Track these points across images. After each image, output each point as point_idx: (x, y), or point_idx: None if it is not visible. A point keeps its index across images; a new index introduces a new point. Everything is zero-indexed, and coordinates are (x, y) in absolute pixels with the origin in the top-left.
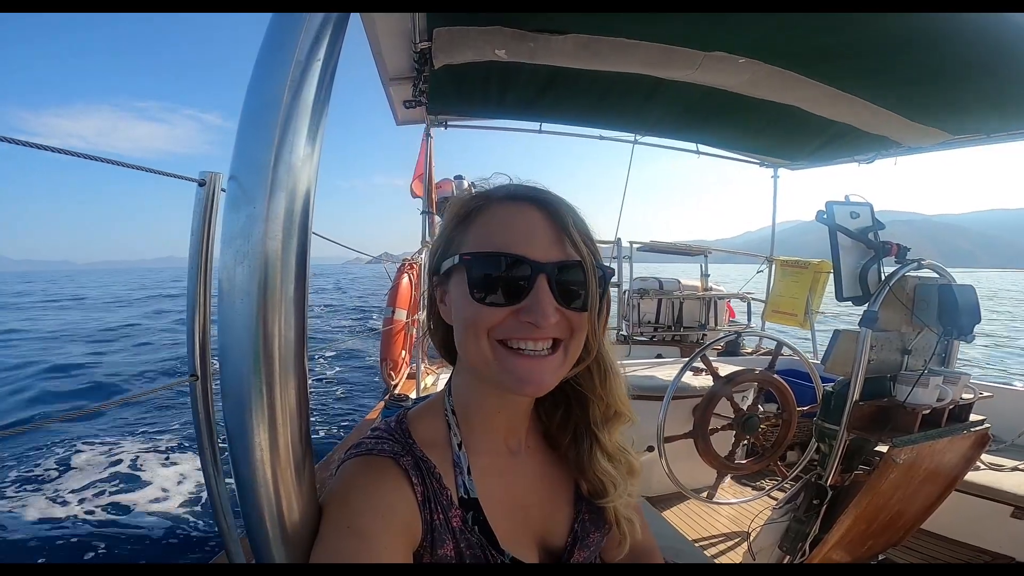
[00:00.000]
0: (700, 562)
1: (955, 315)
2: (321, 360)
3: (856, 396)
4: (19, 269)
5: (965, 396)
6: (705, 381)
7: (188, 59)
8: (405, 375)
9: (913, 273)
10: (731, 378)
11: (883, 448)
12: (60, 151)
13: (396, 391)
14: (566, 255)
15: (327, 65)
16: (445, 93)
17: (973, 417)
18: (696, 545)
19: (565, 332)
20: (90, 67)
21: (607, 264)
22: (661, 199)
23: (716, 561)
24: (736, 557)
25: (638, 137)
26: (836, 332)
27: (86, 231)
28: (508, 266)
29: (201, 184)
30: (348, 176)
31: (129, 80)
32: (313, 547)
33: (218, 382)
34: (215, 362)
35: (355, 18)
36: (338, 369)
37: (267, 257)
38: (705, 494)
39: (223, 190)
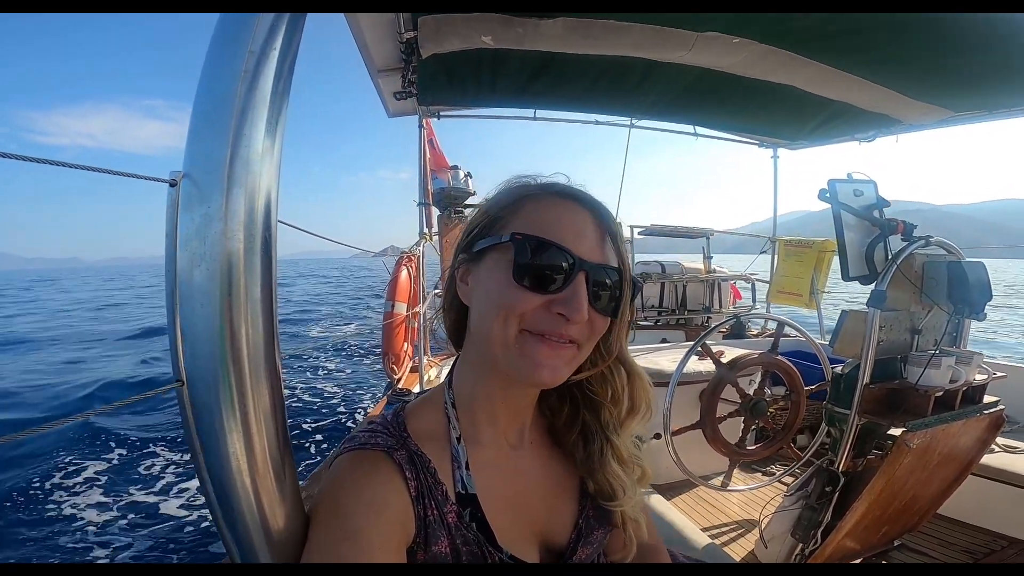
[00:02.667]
0: (711, 551)
1: (966, 292)
2: (323, 355)
3: (866, 379)
4: (31, 267)
5: (978, 377)
6: (711, 365)
7: (197, 57)
8: (408, 369)
9: (921, 251)
10: (734, 364)
11: (896, 432)
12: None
13: (399, 385)
14: (607, 259)
15: (285, 55)
16: (435, 83)
17: (987, 398)
18: (707, 534)
19: (585, 334)
20: (99, 67)
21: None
22: (662, 193)
23: (727, 550)
24: (748, 545)
25: (634, 121)
26: (844, 312)
27: (93, 229)
28: (556, 256)
29: (172, 184)
30: (354, 171)
31: (137, 79)
32: (304, 551)
33: None
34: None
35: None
36: (341, 364)
37: (228, 257)
38: (719, 482)
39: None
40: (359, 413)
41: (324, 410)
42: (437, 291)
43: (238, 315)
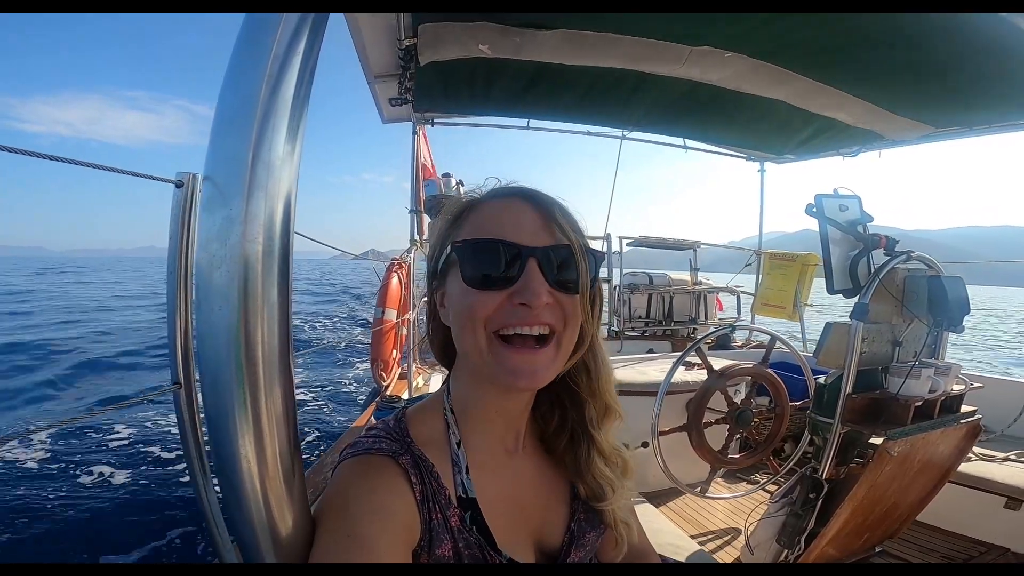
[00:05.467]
0: (699, 557)
1: (945, 306)
2: (308, 360)
3: (849, 389)
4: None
5: (956, 387)
6: (698, 376)
7: (179, 50)
8: (396, 376)
9: (902, 265)
10: (725, 372)
11: (877, 440)
12: (22, 152)
13: (388, 392)
14: (555, 240)
15: (307, 60)
16: (431, 90)
17: (964, 408)
18: (694, 541)
19: (559, 320)
20: (80, 56)
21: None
22: (645, 211)
23: (714, 556)
24: (734, 552)
25: (626, 133)
26: (828, 325)
27: (66, 219)
28: (499, 251)
29: (179, 185)
30: (338, 172)
31: (119, 69)
32: (311, 554)
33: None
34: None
35: (338, 14)
36: (327, 368)
37: (247, 261)
38: (698, 489)
39: (201, 191)
40: (345, 418)
41: (307, 416)
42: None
43: (255, 318)
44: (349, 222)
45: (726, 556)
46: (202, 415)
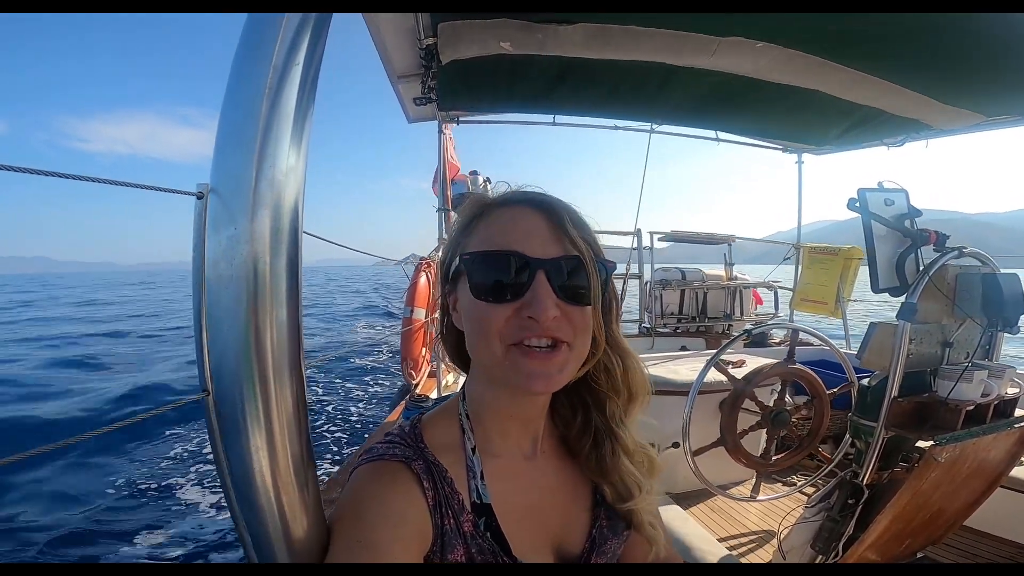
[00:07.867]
0: (727, 562)
1: (1000, 306)
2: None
3: (895, 392)
4: (32, 268)
5: (1010, 390)
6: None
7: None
8: (426, 374)
9: (954, 262)
10: (750, 378)
11: (923, 445)
12: (38, 172)
13: (417, 391)
14: (564, 251)
15: (308, 68)
16: (455, 88)
17: (1019, 412)
18: (724, 545)
19: (568, 332)
20: (135, 74)
21: (614, 258)
22: (684, 203)
23: (743, 561)
24: (765, 556)
25: (654, 126)
26: (872, 325)
27: (128, 235)
28: (507, 263)
29: (199, 197)
30: (378, 179)
31: (173, 86)
32: (326, 560)
33: None
34: None
35: (358, 15)
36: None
37: (255, 279)
38: (739, 492)
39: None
40: (374, 420)
41: (341, 416)
42: None
43: (264, 335)
44: (390, 227)
45: (757, 560)
46: None
